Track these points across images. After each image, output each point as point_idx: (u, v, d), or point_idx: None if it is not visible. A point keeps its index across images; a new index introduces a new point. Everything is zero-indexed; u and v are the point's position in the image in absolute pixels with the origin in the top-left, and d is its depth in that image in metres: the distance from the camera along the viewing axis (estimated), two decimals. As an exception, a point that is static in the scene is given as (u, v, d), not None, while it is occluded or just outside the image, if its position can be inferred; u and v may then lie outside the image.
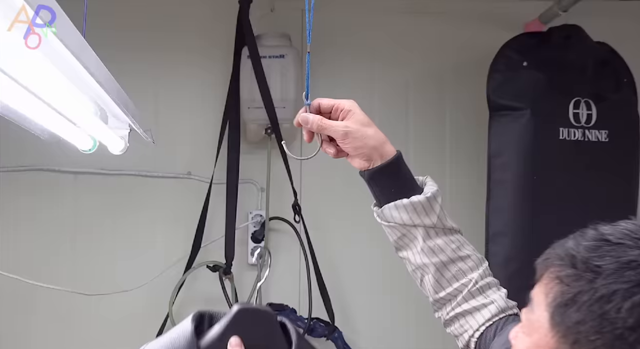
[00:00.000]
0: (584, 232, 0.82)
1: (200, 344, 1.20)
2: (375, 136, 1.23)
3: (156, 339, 1.20)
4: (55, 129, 1.49)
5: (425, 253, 1.21)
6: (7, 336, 2.50)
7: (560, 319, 0.79)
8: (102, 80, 1.20)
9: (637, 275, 0.74)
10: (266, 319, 1.21)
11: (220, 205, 2.53)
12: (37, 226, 2.55)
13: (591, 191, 2.32)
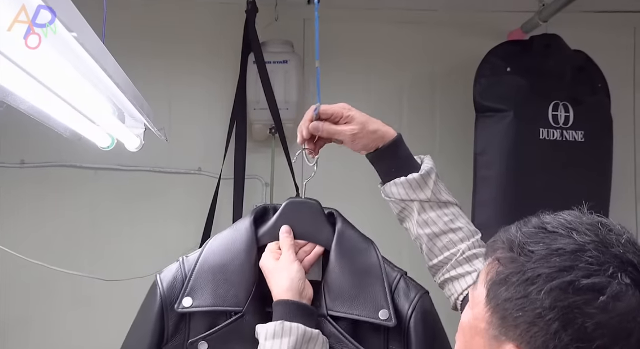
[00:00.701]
0: (527, 220, 0.85)
1: (258, 232, 1.25)
2: (375, 132, 1.29)
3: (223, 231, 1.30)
4: (77, 128, 1.50)
5: (419, 225, 1.26)
6: (31, 318, 2.51)
7: (493, 295, 0.81)
8: (119, 83, 1.22)
9: (561, 261, 0.75)
10: (312, 207, 1.29)
11: (228, 198, 2.54)
12: (60, 217, 2.56)
13: (568, 187, 2.33)
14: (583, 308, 0.72)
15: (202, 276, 1.22)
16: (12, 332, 2.51)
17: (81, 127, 1.47)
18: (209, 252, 1.26)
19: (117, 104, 1.44)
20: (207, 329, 1.19)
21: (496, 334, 0.80)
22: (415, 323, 1.20)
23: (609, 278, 0.73)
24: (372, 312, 1.18)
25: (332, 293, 1.20)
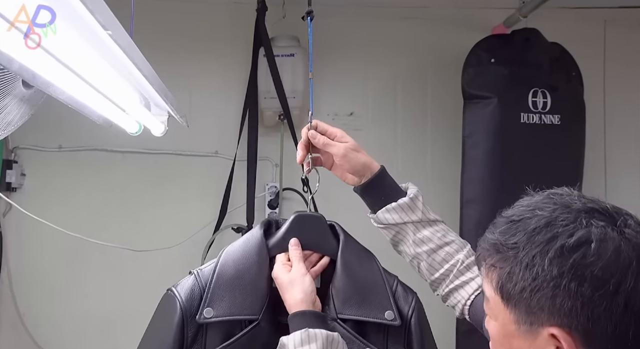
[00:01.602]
0: (495, 223, 0.84)
1: (269, 243, 1.24)
2: (364, 158, 1.26)
3: (233, 242, 1.26)
4: (109, 115, 1.51)
5: (416, 244, 1.24)
6: (68, 284, 2.53)
7: (507, 296, 0.79)
8: (147, 75, 1.22)
9: (543, 237, 0.75)
10: (317, 221, 1.27)
11: (242, 178, 2.53)
12: (93, 196, 2.57)
13: (546, 165, 2.33)
14: (584, 260, 0.72)
15: (220, 288, 1.18)
16: (57, 295, 2.53)
17: (113, 115, 1.48)
18: (224, 264, 1.22)
19: (144, 94, 1.45)
20: (223, 339, 1.16)
21: (528, 328, 0.78)
22: (415, 322, 1.20)
23: (587, 228, 0.74)
24: (379, 313, 1.18)
25: (341, 298, 1.19)
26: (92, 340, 2.51)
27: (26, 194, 2.51)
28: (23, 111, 1.47)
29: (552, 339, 0.76)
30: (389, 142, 2.67)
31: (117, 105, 1.38)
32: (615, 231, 0.74)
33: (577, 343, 0.74)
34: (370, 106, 2.70)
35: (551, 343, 0.76)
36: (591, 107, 2.49)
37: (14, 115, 1.45)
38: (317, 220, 1.29)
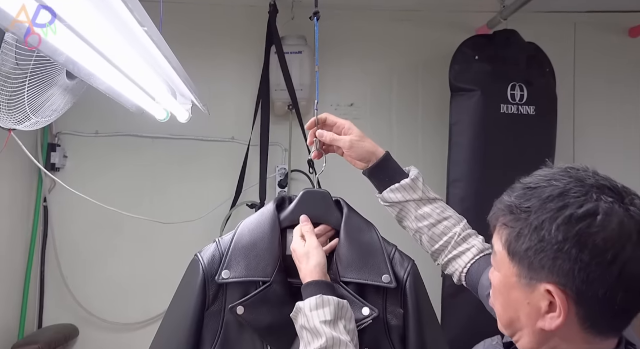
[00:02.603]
0: (513, 187, 0.83)
1: (280, 216, 1.25)
2: (369, 145, 1.26)
3: (250, 216, 1.26)
4: (141, 104, 1.52)
5: (418, 219, 1.24)
6: (104, 251, 2.55)
7: (513, 252, 0.79)
8: (174, 67, 1.23)
9: (555, 204, 0.74)
10: (323, 196, 1.27)
11: (255, 161, 2.53)
12: (126, 175, 2.58)
13: (522, 150, 2.34)
14: (588, 230, 0.72)
15: (236, 253, 1.19)
16: (94, 260, 2.55)
17: (144, 103, 1.49)
18: (240, 234, 1.22)
19: (171, 85, 1.46)
20: (241, 296, 1.16)
21: (528, 282, 0.78)
22: (409, 285, 1.19)
23: (596, 202, 0.73)
24: (376, 277, 1.17)
25: (343, 263, 1.19)
26: (126, 300, 2.53)
27: (68, 173, 2.51)
28: (66, 99, 1.48)
29: (547, 294, 0.76)
30: (385, 129, 2.68)
31: (148, 94, 1.39)
32: (621, 207, 0.74)
33: (569, 300, 0.74)
34: (369, 97, 2.70)
35: (546, 298, 0.76)
36: (562, 99, 2.48)
37: (59, 103, 1.46)
38: (323, 195, 1.28)
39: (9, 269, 2.28)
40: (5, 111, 1.32)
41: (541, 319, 0.77)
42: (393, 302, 1.19)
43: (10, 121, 1.36)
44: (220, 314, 1.18)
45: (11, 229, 2.29)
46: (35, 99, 1.32)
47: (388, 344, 1.18)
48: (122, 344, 2.48)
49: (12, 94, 1.30)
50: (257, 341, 1.17)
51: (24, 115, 1.38)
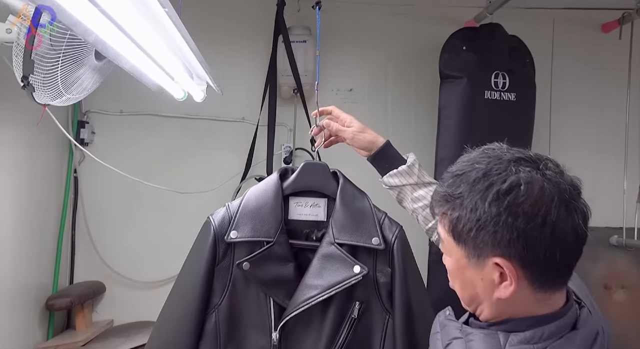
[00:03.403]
0: (442, 178, 0.84)
1: (283, 185, 1.27)
2: (370, 137, 1.31)
3: (257, 184, 1.29)
4: (162, 83, 1.53)
5: (414, 201, 1.27)
6: (128, 217, 2.58)
7: (457, 236, 0.80)
8: (192, 49, 1.24)
9: (482, 185, 0.75)
10: (322, 167, 1.30)
11: (263, 139, 2.55)
12: (148, 150, 2.59)
13: (504, 132, 2.33)
14: (516, 201, 0.73)
15: (243, 216, 1.21)
16: (119, 226, 2.57)
17: (164, 82, 1.50)
18: (248, 199, 1.24)
19: (188, 67, 1.47)
20: (247, 254, 1.19)
21: (476, 260, 0.78)
22: (396, 247, 1.21)
23: (516, 174, 0.74)
24: (367, 239, 1.19)
25: (338, 227, 1.20)
26: (147, 261, 2.57)
27: (95, 148, 2.53)
28: (94, 79, 1.50)
29: (496, 266, 0.76)
30: (381, 112, 2.68)
31: (168, 74, 1.40)
32: (539, 173, 0.75)
33: (516, 267, 0.75)
34: (367, 83, 2.70)
35: (496, 270, 0.76)
36: (540, 87, 2.48)
37: (88, 82, 1.47)
38: (321, 167, 1.30)
39: (44, 232, 2.31)
40: (41, 88, 1.34)
41: (497, 290, 0.78)
42: (382, 262, 1.22)
43: (46, 97, 1.38)
44: (229, 269, 1.22)
45: (46, 197, 2.32)
46: (67, 78, 1.34)
47: (377, 299, 1.21)
48: (143, 300, 2.52)
49: (47, 73, 1.32)
50: (261, 293, 1.20)
51: (57, 92, 1.40)
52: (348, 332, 1.19)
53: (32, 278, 2.19)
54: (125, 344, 2.21)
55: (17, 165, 2.04)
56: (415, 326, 1.19)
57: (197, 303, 1.19)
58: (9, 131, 1.95)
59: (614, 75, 2.65)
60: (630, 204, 2.57)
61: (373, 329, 1.20)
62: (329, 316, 1.19)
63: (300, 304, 1.15)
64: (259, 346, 1.20)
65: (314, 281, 1.17)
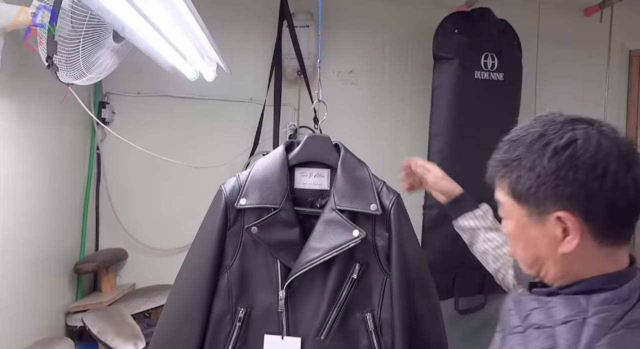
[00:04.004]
0: (498, 147, 0.80)
1: (289, 156, 1.26)
2: (449, 184, 1.31)
3: (264, 156, 1.28)
4: (175, 63, 1.52)
5: (485, 242, 1.25)
6: (147, 190, 2.59)
7: (518, 195, 0.76)
8: (204, 30, 1.23)
9: (539, 145, 0.72)
10: (324, 140, 1.29)
11: (269, 118, 2.55)
12: (164, 128, 2.58)
13: (492, 110, 2.35)
14: (574, 153, 0.70)
15: (252, 185, 1.21)
16: (139, 197, 2.59)
17: (178, 62, 1.50)
18: (256, 170, 1.24)
19: (199, 48, 1.46)
20: (256, 219, 1.18)
21: (538, 217, 0.74)
22: (393, 213, 1.20)
23: (572, 131, 0.71)
24: (366, 206, 1.18)
25: (339, 194, 1.19)
26: (165, 230, 2.58)
27: (115, 127, 2.52)
28: (113, 60, 1.49)
29: (558, 221, 0.72)
30: (379, 92, 2.67)
31: (181, 54, 1.39)
32: (594, 130, 0.72)
33: (579, 220, 0.71)
34: (365, 65, 2.68)
35: (558, 225, 0.72)
36: (527, 68, 2.47)
37: (107, 63, 1.46)
38: (324, 139, 1.29)
39: (71, 203, 2.33)
40: (64, 68, 1.33)
41: (560, 246, 0.73)
42: (380, 226, 1.21)
43: (69, 76, 1.37)
44: (240, 233, 1.22)
45: (72, 172, 2.32)
46: (87, 59, 1.33)
47: (376, 261, 1.21)
48: (161, 265, 2.54)
49: (69, 53, 1.32)
50: (269, 255, 1.21)
51: (79, 72, 1.40)
52: (349, 291, 1.20)
53: (61, 245, 2.21)
54: (146, 304, 2.24)
55: (46, 142, 2.04)
56: (412, 285, 1.19)
57: (211, 263, 1.20)
58: (38, 110, 1.94)
59: (595, 55, 2.63)
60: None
61: (372, 289, 1.21)
62: (331, 276, 1.20)
63: (305, 265, 1.15)
64: (267, 302, 1.21)
65: (317, 244, 1.17)
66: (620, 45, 2.63)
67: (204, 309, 1.19)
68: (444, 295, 2.33)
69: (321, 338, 1.18)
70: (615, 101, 2.64)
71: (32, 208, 1.95)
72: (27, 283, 1.91)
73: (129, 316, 2.04)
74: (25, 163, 1.89)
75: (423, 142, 2.36)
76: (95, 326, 1.89)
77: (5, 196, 1.74)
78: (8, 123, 1.73)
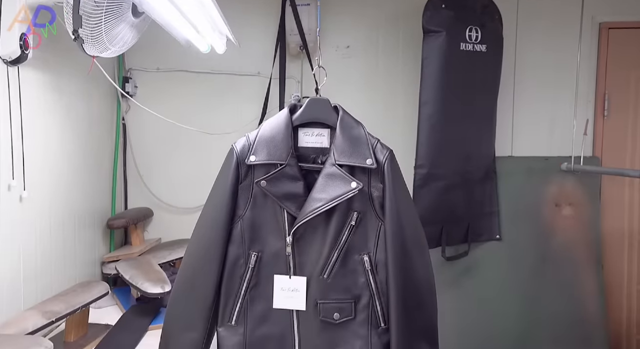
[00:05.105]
0: None
1: (292, 117, 1.26)
2: None
3: (269, 118, 1.27)
4: (190, 36, 1.50)
5: None
6: (167, 155, 2.58)
7: None
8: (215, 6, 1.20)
9: None
10: (324, 102, 1.28)
11: (275, 90, 2.51)
12: (181, 100, 2.56)
13: (476, 79, 2.32)
14: None
15: (260, 144, 1.21)
16: (162, 162, 2.59)
17: (192, 36, 1.47)
18: (263, 130, 1.24)
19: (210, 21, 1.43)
20: (264, 174, 1.19)
21: None
22: (387, 166, 1.20)
23: None
24: (362, 160, 1.19)
25: (338, 151, 1.20)
26: (184, 190, 2.59)
27: (138, 99, 2.50)
28: (133, 34, 1.46)
29: None
30: (373, 65, 2.62)
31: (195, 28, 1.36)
32: None
33: None
34: (361, 40, 2.62)
35: None
36: (507, 40, 2.42)
37: (127, 37, 1.44)
38: (324, 101, 1.29)
39: (102, 168, 2.34)
40: (89, 42, 1.31)
41: None
42: (375, 179, 1.22)
43: (94, 49, 1.35)
44: (250, 187, 1.23)
45: (101, 140, 2.32)
46: (109, 32, 1.31)
47: (371, 210, 1.23)
48: (183, 222, 2.56)
49: (93, 28, 1.29)
50: (277, 205, 1.22)
51: (103, 46, 1.37)
52: (348, 236, 1.21)
53: (96, 204, 2.23)
54: (171, 255, 2.27)
55: (78, 112, 2.04)
56: (403, 230, 1.20)
57: (226, 213, 1.21)
58: (69, 83, 1.93)
59: (568, 27, 2.56)
60: (579, 136, 2.55)
61: (368, 234, 1.22)
62: (332, 223, 1.21)
63: (309, 214, 1.17)
64: (276, 247, 1.23)
65: (319, 195, 1.18)
66: (592, 18, 2.56)
67: (221, 253, 1.21)
68: (433, 244, 2.35)
69: (324, 277, 1.20)
70: (586, 70, 2.60)
71: (69, 172, 1.97)
72: (67, 236, 1.95)
73: (157, 264, 2.07)
74: (61, 132, 1.89)
75: (414, 109, 2.34)
76: (127, 273, 1.92)
77: (47, 162, 1.76)
78: (43, 94, 1.73)
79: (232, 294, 1.23)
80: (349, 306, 1.22)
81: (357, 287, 1.22)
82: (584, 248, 2.53)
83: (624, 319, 2.61)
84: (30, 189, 1.65)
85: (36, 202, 1.71)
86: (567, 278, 2.51)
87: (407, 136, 2.47)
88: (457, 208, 2.39)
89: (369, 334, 1.22)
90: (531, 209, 2.53)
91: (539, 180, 2.55)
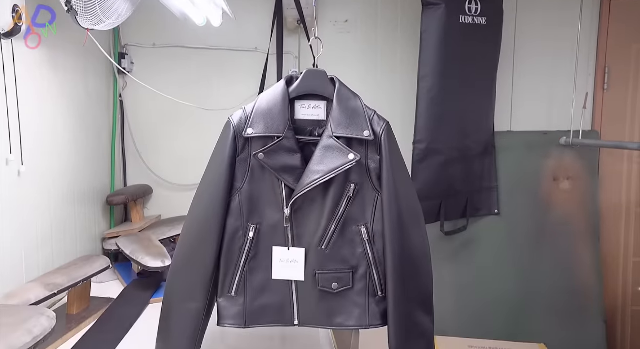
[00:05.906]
0: None
1: (289, 89, 1.25)
2: None
3: (266, 91, 1.26)
4: (186, 10, 1.48)
5: None
6: (165, 130, 2.58)
7: None
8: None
9: None
10: (321, 74, 1.27)
11: (273, 65, 2.49)
12: (178, 76, 2.54)
13: (476, 52, 2.29)
14: None
15: (257, 116, 1.20)
16: (159, 138, 2.58)
17: (188, 9, 1.45)
18: (260, 102, 1.23)
19: (206, -5, 1.42)
20: (262, 147, 1.19)
21: None
22: (384, 138, 1.20)
23: None
24: (359, 132, 1.18)
25: (335, 123, 1.19)
26: (183, 167, 2.59)
27: (135, 75, 2.48)
28: (127, 6, 1.44)
29: None
30: (372, 39, 2.59)
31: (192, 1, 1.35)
32: None
33: None
34: (359, 14, 2.59)
35: None
36: (507, 13, 2.39)
37: (122, 9, 1.42)
38: (321, 73, 1.27)
39: (100, 145, 2.33)
40: (83, 14, 1.30)
41: None
42: (372, 150, 1.22)
43: (88, 22, 1.34)
44: (248, 159, 1.23)
45: (99, 117, 2.32)
46: (103, 3, 1.29)
47: (369, 181, 1.23)
48: (182, 199, 2.57)
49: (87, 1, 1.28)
50: (274, 178, 1.22)
51: (97, 18, 1.36)
52: (345, 207, 1.22)
53: (95, 181, 2.24)
54: (170, 231, 2.29)
55: (74, 89, 2.03)
56: (400, 202, 1.21)
57: (224, 186, 1.21)
58: (65, 59, 1.92)
59: (569, 1, 2.53)
60: (578, 110, 2.54)
61: (365, 205, 1.23)
62: (330, 195, 1.22)
63: (306, 186, 1.17)
64: (274, 219, 1.24)
65: (316, 167, 1.18)
66: (593, -9, 2.53)
67: (219, 225, 1.22)
68: (432, 219, 2.37)
69: (322, 248, 1.22)
70: (587, 43, 2.57)
71: (67, 148, 1.97)
72: (68, 212, 1.96)
73: (157, 240, 2.09)
74: (58, 108, 1.89)
75: (413, 83, 2.33)
76: (128, 248, 1.94)
77: (45, 137, 1.76)
78: (39, 69, 1.72)
79: (232, 265, 1.24)
80: (347, 276, 1.24)
81: (355, 257, 1.24)
82: (581, 222, 2.55)
83: (619, 291, 2.65)
84: (29, 163, 1.65)
85: (35, 177, 1.72)
86: (565, 251, 2.54)
87: (405, 111, 2.46)
88: (456, 183, 2.40)
89: (366, 302, 1.24)
90: (530, 183, 2.55)
91: (538, 155, 2.56)
